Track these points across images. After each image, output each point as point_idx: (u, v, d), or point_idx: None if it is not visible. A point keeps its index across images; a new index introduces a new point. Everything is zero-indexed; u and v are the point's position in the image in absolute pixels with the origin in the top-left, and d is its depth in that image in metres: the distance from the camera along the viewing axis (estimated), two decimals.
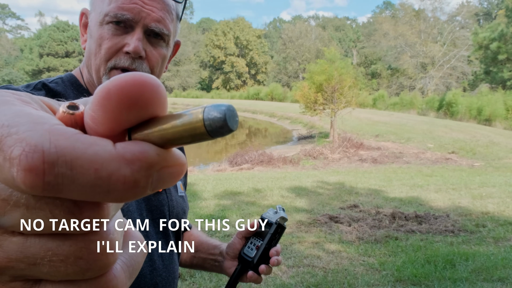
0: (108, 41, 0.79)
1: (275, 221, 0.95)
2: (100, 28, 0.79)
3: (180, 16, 0.89)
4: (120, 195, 0.17)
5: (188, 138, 0.19)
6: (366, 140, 13.46)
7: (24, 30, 72.71)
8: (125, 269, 0.21)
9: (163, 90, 0.18)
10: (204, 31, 71.69)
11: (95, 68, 0.81)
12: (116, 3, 0.77)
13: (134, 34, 0.79)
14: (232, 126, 0.18)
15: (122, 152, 0.17)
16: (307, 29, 60.44)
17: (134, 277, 0.22)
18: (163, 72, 0.90)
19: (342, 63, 13.88)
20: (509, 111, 22.58)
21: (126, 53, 0.79)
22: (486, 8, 51.06)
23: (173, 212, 0.91)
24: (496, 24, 34.36)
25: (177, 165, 0.19)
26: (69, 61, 53.61)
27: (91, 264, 0.18)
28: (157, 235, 0.87)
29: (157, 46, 0.83)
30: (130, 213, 0.81)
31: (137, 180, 0.17)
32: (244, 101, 40.83)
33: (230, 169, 9.98)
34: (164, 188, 0.19)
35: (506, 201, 6.01)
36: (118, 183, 0.17)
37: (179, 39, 0.95)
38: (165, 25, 0.82)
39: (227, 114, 0.18)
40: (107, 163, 0.17)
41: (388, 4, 65.82)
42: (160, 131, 0.19)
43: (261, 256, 0.94)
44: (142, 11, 0.78)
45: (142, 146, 0.18)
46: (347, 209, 5.59)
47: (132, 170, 0.17)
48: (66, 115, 0.19)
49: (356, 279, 3.44)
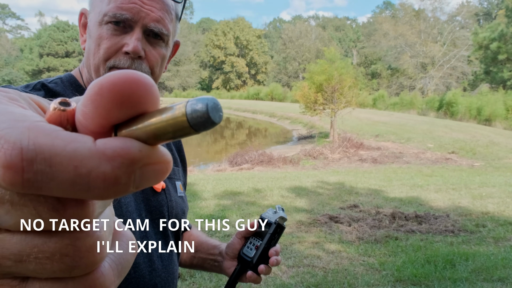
0: (107, 41, 0.79)
1: (274, 221, 0.95)
2: (99, 28, 0.79)
3: (180, 16, 0.89)
4: (101, 192, 0.17)
5: (172, 132, 0.18)
6: (366, 140, 13.46)
7: (24, 30, 72.73)
8: (114, 267, 0.20)
9: (155, 89, 0.18)
10: (204, 31, 71.70)
11: (94, 67, 0.81)
12: (115, 3, 0.77)
13: (133, 34, 0.79)
14: (215, 119, 0.18)
15: (102, 148, 0.17)
16: (307, 29, 60.44)
17: (123, 276, 0.21)
18: (163, 72, 0.90)
19: (342, 63, 13.88)
20: (509, 111, 22.57)
21: (125, 53, 0.79)
22: (486, 8, 51.06)
23: (172, 213, 0.91)
24: (496, 24, 34.36)
25: (161, 162, 0.18)
26: (69, 61, 53.62)
27: (78, 262, 0.18)
28: (156, 236, 0.87)
29: (156, 46, 0.83)
30: (129, 214, 0.81)
31: (118, 177, 0.17)
32: (244, 101, 40.82)
33: (230, 169, 9.98)
34: (148, 187, 0.19)
35: (506, 201, 6.01)
36: (98, 180, 0.16)
37: (178, 39, 0.95)
38: (164, 25, 0.82)
39: (209, 107, 0.18)
40: (87, 160, 0.16)
41: (388, 4, 65.83)
42: (144, 127, 0.18)
43: (260, 256, 0.94)
44: (141, 11, 0.78)
45: (124, 142, 0.17)
46: (347, 209, 5.59)
47: (112, 167, 0.17)
48: (57, 112, 0.19)
49: (356, 279, 3.44)
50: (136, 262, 0.81)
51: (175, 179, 0.96)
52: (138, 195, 0.86)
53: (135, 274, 0.80)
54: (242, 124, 26.55)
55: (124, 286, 0.79)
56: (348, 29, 67.28)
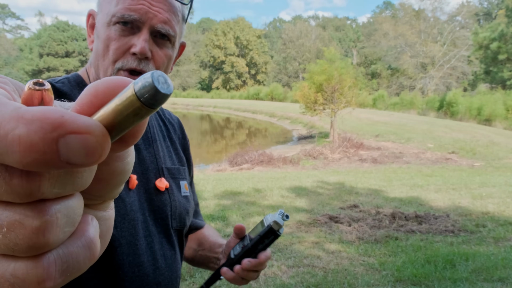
0: (116, 42, 0.79)
1: (268, 224, 0.90)
2: (107, 29, 0.80)
3: (186, 18, 0.90)
4: (20, 157, 0.16)
5: (130, 116, 0.18)
6: (366, 140, 13.46)
7: (24, 30, 72.72)
8: (58, 263, 0.19)
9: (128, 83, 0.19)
10: (204, 31, 71.68)
11: (103, 69, 0.82)
12: (123, 4, 0.78)
13: (140, 35, 0.80)
14: (163, 90, 0.18)
15: (23, 111, 0.17)
16: (307, 29, 60.44)
17: (69, 278, 0.20)
18: (168, 72, 0.91)
19: (342, 63, 13.88)
20: (509, 111, 22.57)
21: (132, 54, 0.80)
22: (486, 8, 51.03)
23: (175, 212, 0.91)
24: (496, 24, 34.37)
25: (89, 132, 0.17)
26: (69, 61, 53.61)
27: (20, 240, 0.18)
28: (159, 235, 0.88)
29: (163, 47, 0.84)
30: (133, 213, 0.82)
31: (34, 143, 0.16)
32: (244, 101, 40.81)
33: (230, 169, 9.98)
34: (82, 163, 0.18)
35: (506, 201, 6.01)
36: (14, 144, 0.16)
37: (184, 41, 0.96)
38: (171, 26, 0.83)
39: (153, 77, 0.18)
40: (6, 122, 0.16)
41: (388, 4, 65.82)
42: (104, 113, 0.19)
43: (243, 255, 0.91)
44: (149, 12, 0.79)
45: (47, 108, 0.17)
46: (347, 209, 5.59)
47: (28, 130, 0.16)
48: (29, 91, 0.20)
49: (356, 279, 3.44)
50: (140, 260, 0.82)
51: (179, 179, 0.96)
52: (141, 194, 0.86)
53: (139, 272, 0.81)
54: (242, 124, 26.55)
55: (128, 284, 0.80)
56: (348, 29, 67.27)
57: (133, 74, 0.81)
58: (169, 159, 0.96)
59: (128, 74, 0.80)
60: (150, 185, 0.88)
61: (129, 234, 0.81)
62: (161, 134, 0.98)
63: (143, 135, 0.91)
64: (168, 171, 0.93)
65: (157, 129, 0.98)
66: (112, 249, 0.78)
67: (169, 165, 0.95)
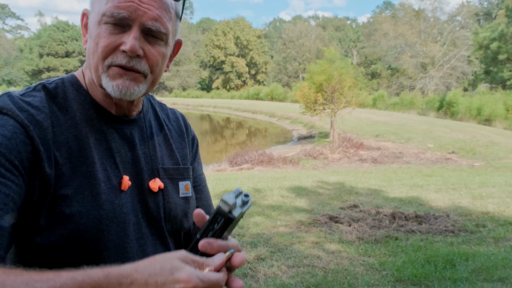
0: (105, 40, 0.79)
1: (217, 206, 0.70)
2: (98, 28, 0.79)
3: (180, 15, 0.89)
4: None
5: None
6: (366, 140, 13.47)
7: (24, 30, 72.74)
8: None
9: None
10: (204, 31, 71.66)
11: (94, 66, 0.81)
12: (112, 2, 0.77)
13: (131, 33, 0.79)
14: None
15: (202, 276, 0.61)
16: (307, 29, 60.43)
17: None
18: (165, 71, 0.89)
19: (342, 63, 13.89)
20: (509, 111, 22.57)
21: (122, 51, 0.79)
22: (486, 8, 51.03)
23: (169, 214, 0.90)
24: (496, 24, 34.36)
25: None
26: (69, 61, 53.63)
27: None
28: (153, 237, 0.87)
29: (155, 44, 0.82)
30: (123, 215, 0.81)
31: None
32: (244, 101, 40.81)
33: (230, 169, 9.98)
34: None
35: (506, 201, 6.00)
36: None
37: (180, 38, 0.94)
38: (163, 23, 0.81)
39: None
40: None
41: (388, 4, 65.84)
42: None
43: (191, 249, 0.73)
44: (138, 9, 0.78)
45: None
46: (347, 209, 5.59)
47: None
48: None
49: (356, 279, 3.44)
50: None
51: (178, 179, 0.94)
52: (134, 196, 0.85)
53: None
54: (242, 124, 26.55)
55: None
56: (348, 29, 67.27)
57: (124, 70, 0.79)
58: (169, 159, 0.95)
59: (120, 69, 0.79)
60: (144, 186, 0.87)
61: (118, 237, 0.80)
62: (161, 133, 0.96)
63: (139, 135, 0.90)
64: (164, 171, 0.91)
65: (156, 128, 0.96)
66: (98, 253, 0.77)
67: (167, 165, 0.93)
